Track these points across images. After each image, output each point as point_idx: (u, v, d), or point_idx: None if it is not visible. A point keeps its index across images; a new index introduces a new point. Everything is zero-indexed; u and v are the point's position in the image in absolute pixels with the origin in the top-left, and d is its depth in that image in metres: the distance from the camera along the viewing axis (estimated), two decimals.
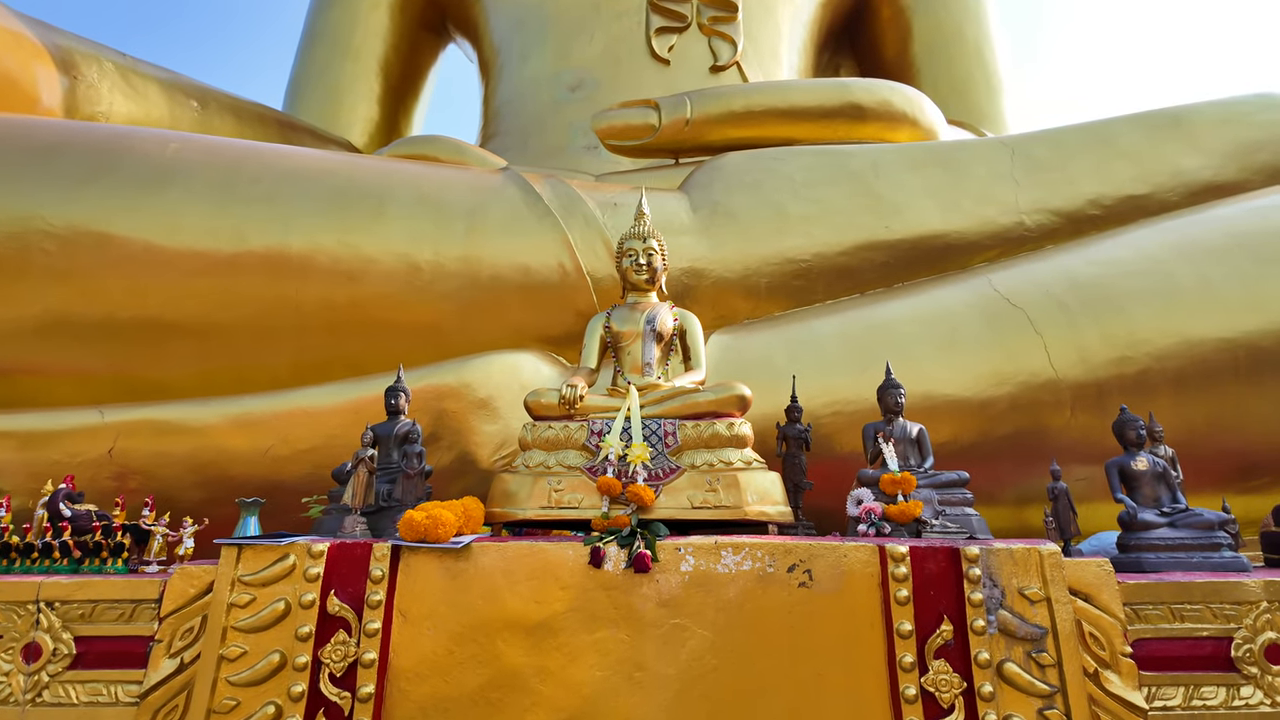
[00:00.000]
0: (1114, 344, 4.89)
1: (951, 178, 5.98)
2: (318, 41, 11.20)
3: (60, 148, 5.38)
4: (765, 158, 6.35)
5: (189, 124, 8.54)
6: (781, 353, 5.08)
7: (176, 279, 5.25)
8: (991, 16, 11.08)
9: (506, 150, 10.30)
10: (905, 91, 7.29)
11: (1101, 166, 6.00)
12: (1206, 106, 6.30)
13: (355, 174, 5.78)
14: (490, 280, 5.51)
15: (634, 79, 9.80)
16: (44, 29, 7.48)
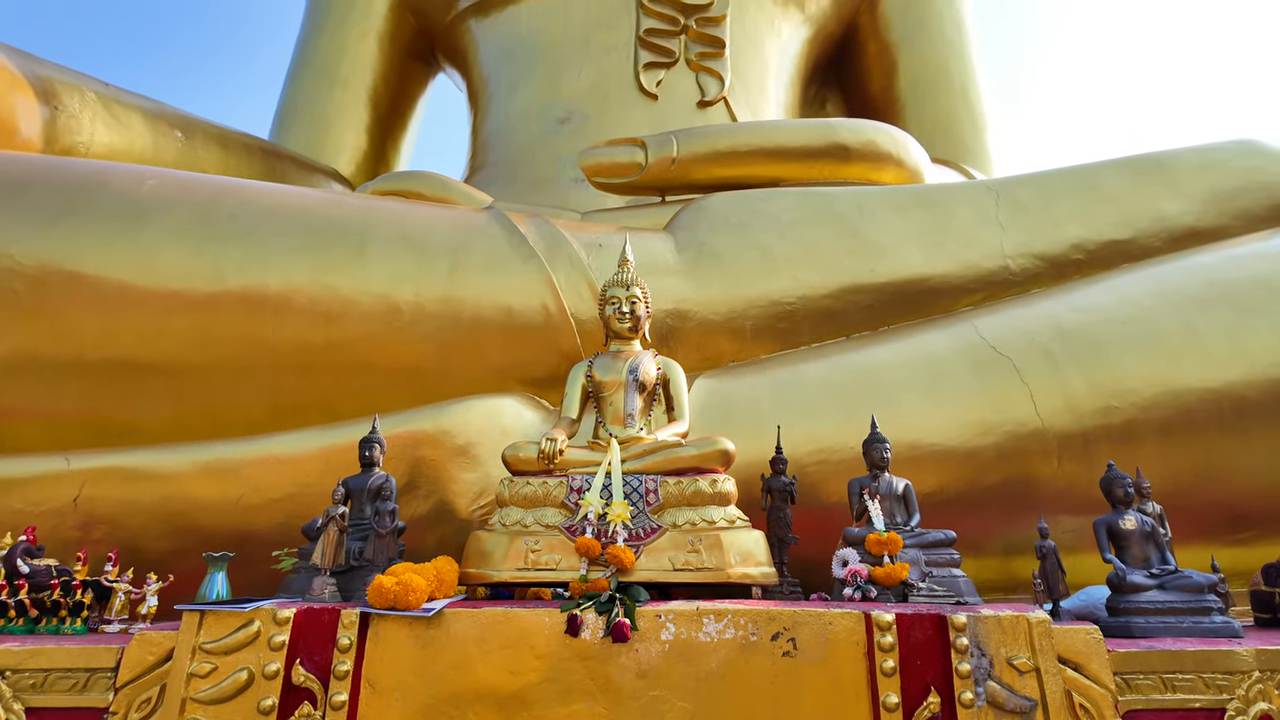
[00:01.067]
0: (1100, 393, 4.86)
1: (936, 221, 5.99)
2: (306, 70, 11.19)
3: (32, 183, 5.28)
4: (751, 198, 6.33)
5: (172, 154, 8.46)
6: (767, 398, 5.01)
7: (150, 318, 5.13)
8: (976, 54, 11.23)
9: (494, 181, 10.29)
10: (890, 132, 7.32)
11: (1085, 210, 6.03)
12: (1187, 152, 6.36)
13: (336, 212, 5.70)
14: (472, 321, 5.42)
15: (622, 112, 9.83)
16: (25, 59, 7.40)
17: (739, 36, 10.09)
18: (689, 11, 9.94)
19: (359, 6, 11.17)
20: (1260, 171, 6.12)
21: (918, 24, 11.11)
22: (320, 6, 11.27)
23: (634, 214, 7.23)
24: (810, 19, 10.73)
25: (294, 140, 10.99)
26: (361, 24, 11.24)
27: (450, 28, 10.97)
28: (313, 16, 11.30)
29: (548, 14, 10.21)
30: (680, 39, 10.01)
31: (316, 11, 11.26)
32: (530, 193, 9.51)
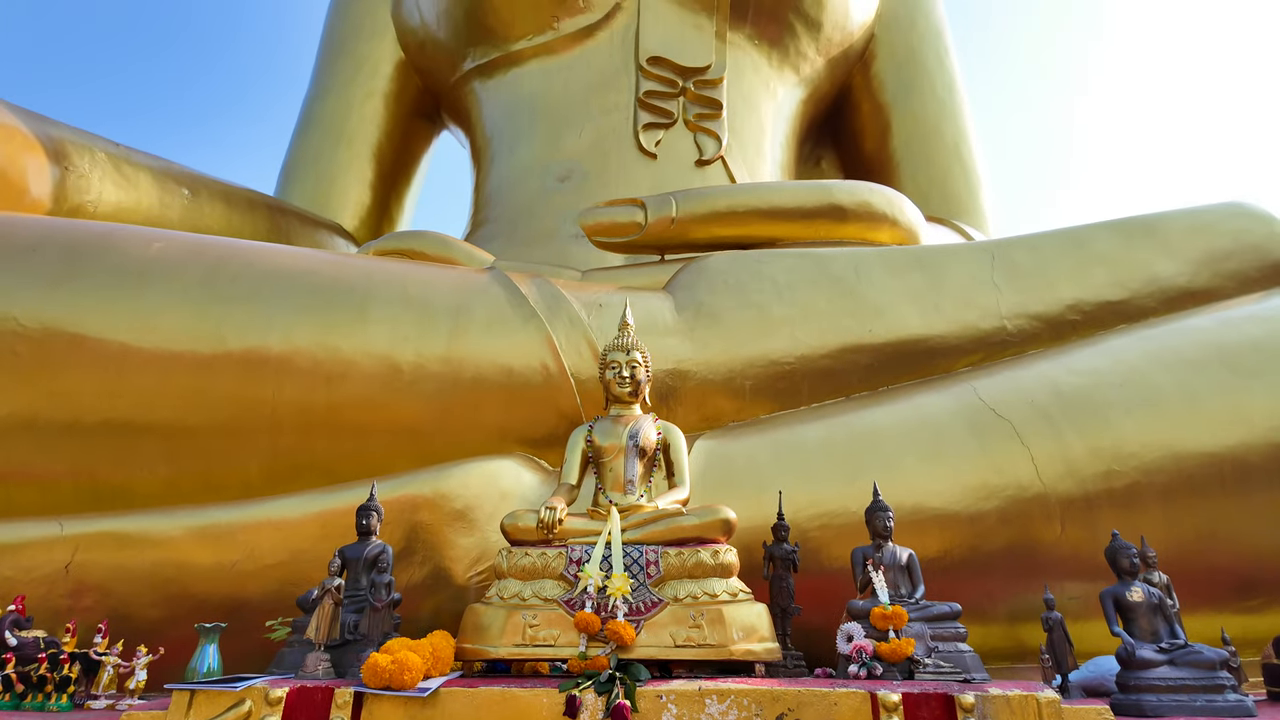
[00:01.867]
0: (1101, 457, 4.85)
1: (932, 282, 6.06)
2: (313, 128, 11.43)
3: (40, 246, 5.34)
4: (748, 259, 6.41)
5: (178, 211, 8.58)
6: (767, 461, 4.99)
7: (150, 380, 5.13)
8: (968, 114, 11.52)
9: (496, 237, 10.42)
10: (885, 193, 7.46)
11: (1079, 272, 6.10)
12: (1178, 215, 6.48)
13: (339, 273, 5.76)
14: (472, 381, 5.43)
15: (622, 171, 10.02)
16: (38, 121, 7.57)
17: (735, 98, 10.35)
18: (687, 74, 10.22)
19: (366, 68, 11.48)
20: (1249, 234, 6.23)
21: (910, 85, 11.42)
22: (328, 67, 11.58)
23: (634, 272, 7.31)
24: (805, 81, 11.03)
25: (299, 195, 11.17)
26: (368, 84, 11.53)
27: (455, 88, 11.26)
28: (320, 77, 11.61)
29: (549, 76, 10.49)
30: (678, 100, 10.26)
31: (324, 72, 11.57)
32: (531, 248, 9.62)
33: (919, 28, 11.60)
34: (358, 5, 11.63)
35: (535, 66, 10.58)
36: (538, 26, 10.33)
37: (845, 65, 11.39)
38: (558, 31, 10.35)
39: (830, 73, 11.24)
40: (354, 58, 11.43)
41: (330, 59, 11.57)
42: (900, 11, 11.49)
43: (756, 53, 10.63)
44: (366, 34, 11.51)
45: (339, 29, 11.64)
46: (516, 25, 10.36)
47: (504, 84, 10.86)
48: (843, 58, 11.22)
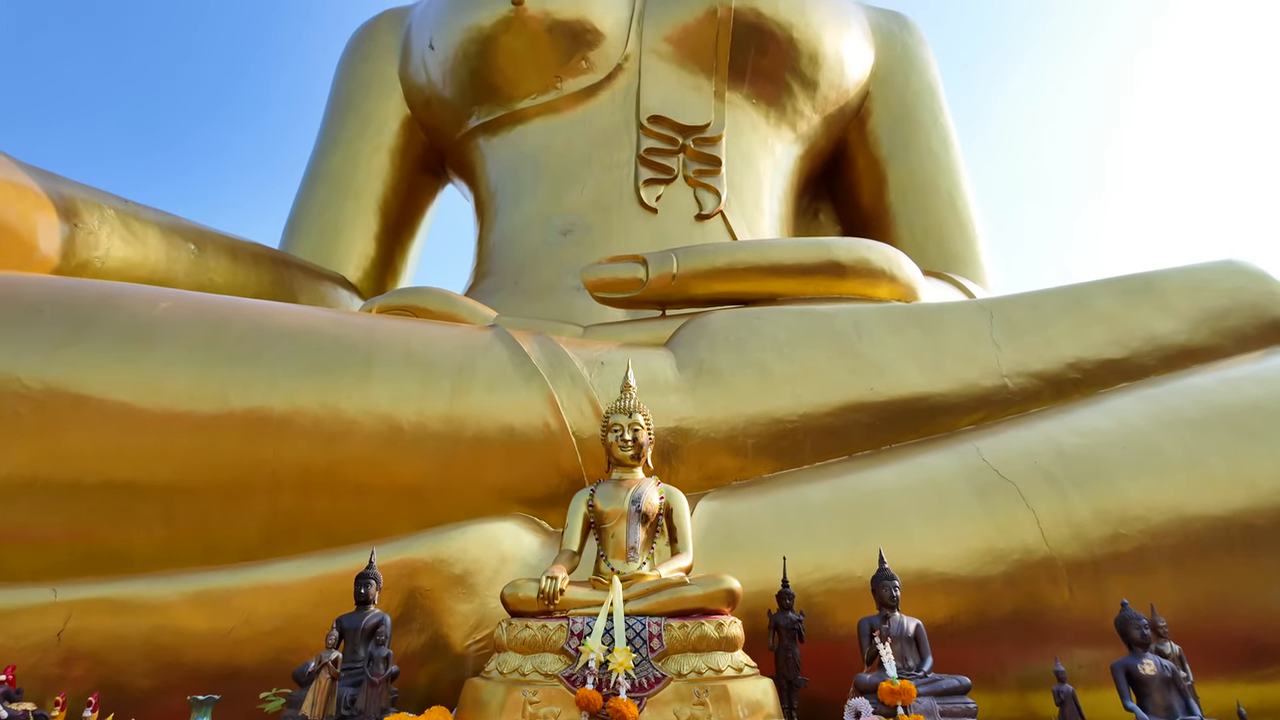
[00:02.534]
0: (1107, 520, 4.81)
1: (932, 340, 6.09)
2: (319, 182, 11.63)
3: (45, 306, 5.39)
4: (749, 316, 6.46)
5: (184, 266, 8.68)
6: (771, 523, 4.94)
7: (152, 440, 5.12)
8: (962, 168, 11.74)
9: (498, 289, 10.52)
10: (883, 249, 7.56)
11: (1079, 330, 6.14)
12: (1175, 273, 6.55)
13: (342, 333, 5.80)
14: (474, 439, 5.42)
15: (623, 225, 10.17)
16: (50, 179, 7.71)
17: (734, 155, 10.57)
18: (687, 132, 10.45)
19: (373, 124, 11.74)
20: (1246, 292, 6.29)
21: (905, 140, 11.66)
22: (336, 124, 11.84)
23: (635, 328, 7.35)
24: (802, 137, 11.28)
25: (304, 247, 11.30)
26: (375, 139, 11.78)
27: (460, 144, 11.50)
28: (328, 133, 11.86)
29: (553, 134, 10.73)
30: (679, 157, 10.48)
31: (332, 128, 11.82)
32: (533, 300, 9.70)
33: (912, 86, 11.90)
34: (366, 64, 11.95)
35: (539, 124, 10.83)
36: (542, 86, 10.61)
37: (841, 122, 11.66)
38: (561, 91, 10.62)
39: (826, 129, 11.50)
40: (361, 114, 11.70)
41: (338, 116, 11.84)
42: (894, 70, 11.81)
43: (754, 111, 10.89)
44: (375, 92, 11.81)
45: (347, 87, 11.94)
46: (521, 85, 10.64)
47: (508, 140, 11.10)
48: (838, 115, 11.49)
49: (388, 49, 12.01)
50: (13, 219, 6.97)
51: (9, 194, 6.98)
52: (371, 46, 12.01)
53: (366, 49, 12.02)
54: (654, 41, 10.73)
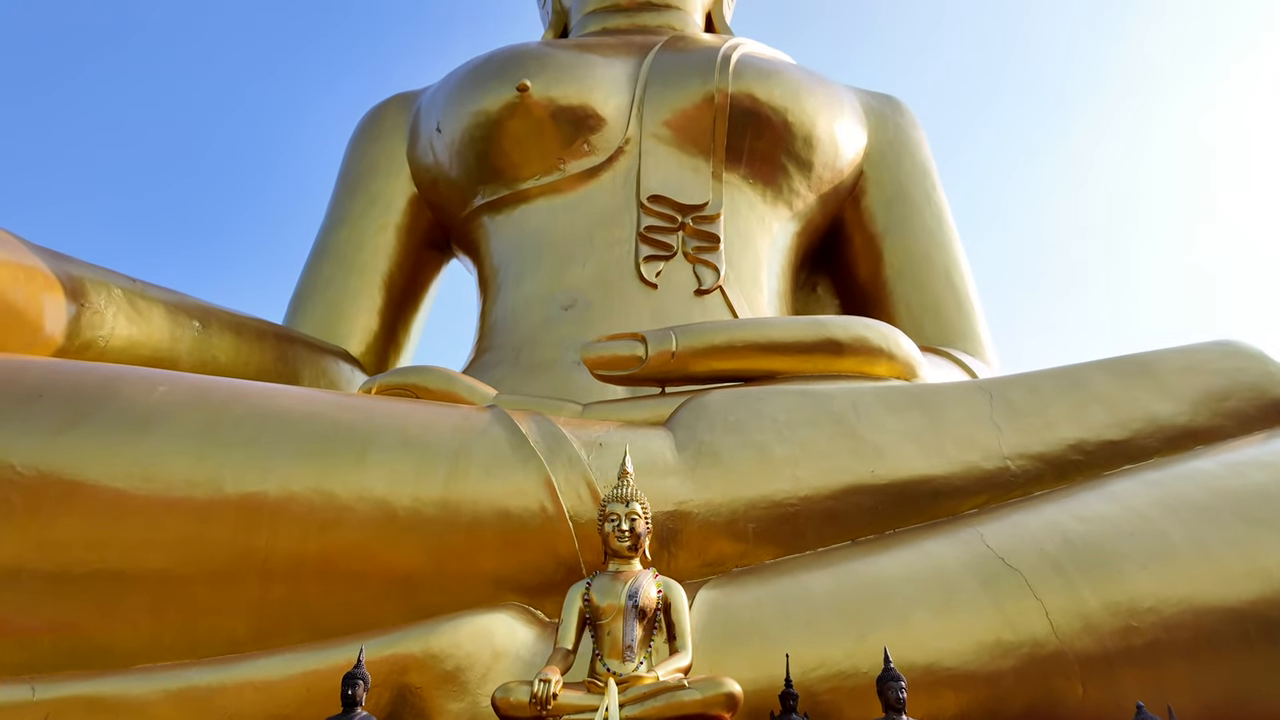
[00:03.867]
0: (1118, 612, 4.67)
1: (932, 422, 6.06)
2: (325, 258, 11.84)
3: (45, 392, 5.41)
4: (748, 397, 6.46)
5: (188, 344, 8.74)
6: (773, 616, 4.81)
7: (143, 528, 5.05)
8: (958, 244, 11.94)
9: (500, 364, 10.57)
10: (880, 328, 7.62)
11: (1079, 412, 6.12)
12: (1171, 354, 6.57)
13: (340, 416, 5.80)
14: (469, 525, 5.34)
15: (623, 300, 10.28)
16: (59, 260, 7.85)
17: (732, 232, 10.78)
18: (686, 211, 10.70)
19: (381, 202, 12.03)
20: (1244, 372, 6.29)
21: (900, 218, 11.91)
22: (344, 201, 12.15)
23: (635, 406, 7.35)
24: (798, 215, 11.53)
25: (308, 322, 11.41)
26: (381, 217, 12.05)
27: (465, 222, 11.76)
28: (335, 211, 12.15)
29: (555, 213, 10.99)
30: (678, 235, 10.68)
31: (340, 207, 12.12)
32: (533, 375, 9.74)
33: (905, 166, 12.23)
34: (375, 146, 12.35)
35: (542, 204, 11.10)
36: (545, 168, 10.92)
37: (836, 200, 11.93)
38: (564, 173, 10.93)
39: (822, 207, 11.76)
40: (369, 194, 12.01)
41: (346, 195, 12.16)
42: (886, 151, 12.16)
43: (751, 191, 11.17)
44: (383, 172, 12.15)
45: (356, 168, 12.30)
46: (525, 167, 10.96)
47: (512, 219, 11.36)
48: (833, 194, 11.77)
49: (396, 130, 12.42)
50: (20, 301, 7.07)
51: (18, 276, 7.11)
52: (380, 129, 12.44)
53: (375, 131, 12.45)
54: (654, 126, 11.10)
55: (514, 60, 11.20)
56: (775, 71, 11.37)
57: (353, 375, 10.83)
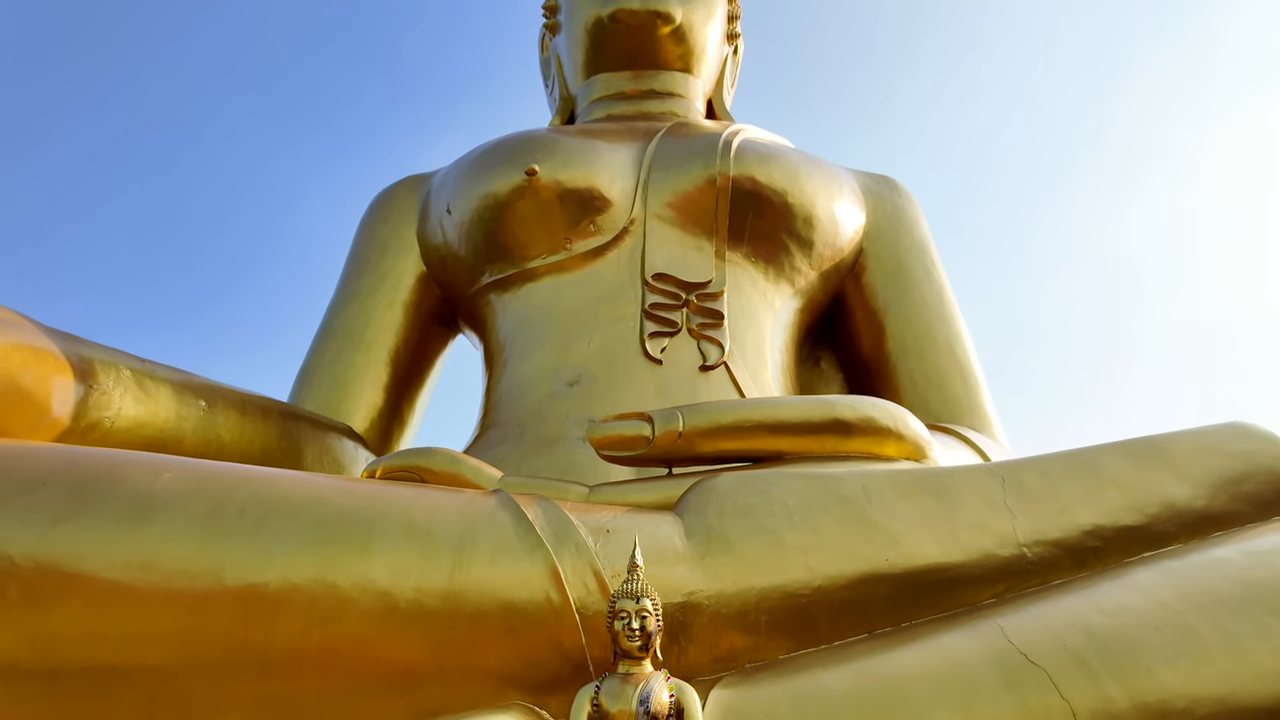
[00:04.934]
0: (1148, 711, 4.48)
1: (945, 507, 5.98)
2: (333, 335, 11.95)
3: (48, 480, 5.37)
4: (757, 480, 6.40)
5: (193, 423, 8.73)
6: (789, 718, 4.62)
7: (139, 622, 4.93)
8: (960, 319, 12.04)
9: (504, 440, 10.52)
10: (887, 408, 7.61)
11: (1093, 496, 6.04)
12: (1183, 436, 6.53)
13: (345, 501, 5.74)
14: (472, 618, 5.20)
15: (628, 376, 10.30)
16: (69, 341, 7.93)
17: (735, 309, 10.90)
18: (689, 288, 10.85)
19: (390, 280, 12.23)
20: (1259, 455, 6.24)
21: (900, 293, 12.06)
22: (353, 280, 12.35)
23: (642, 488, 7.26)
24: (800, 292, 11.68)
25: (313, 398, 11.43)
26: (390, 294, 12.22)
27: (472, 299, 11.92)
28: (344, 289, 12.33)
29: (561, 289, 11.15)
30: (682, 311, 10.80)
31: (348, 285, 12.31)
32: (538, 452, 9.69)
33: (903, 243, 12.46)
34: (385, 226, 12.64)
35: (549, 281, 11.28)
36: (552, 248, 11.15)
37: (837, 276, 12.11)
38: (570, 252, 11.14)
39: (824, 284, 11.93)
40: (379, 272, 12.22)
41: (356, 273, 12.37)
42: (885, 229, 12.41)
43: (754, 268, 11.36)
44: (392, 251, 12.40)
45: (366, 247, 12.56)
46: (533, 247, 11.19)
47: (519, 296, 11.52)
48: (834, 271, 11.96)
49: (406, 211, 12.74)
50: (30, 383, 7.10)
51: (29, 359, 7.16)
52: (391, 210, 12.76)
53: (386, 212, 12.77)
54: (657, 207, 11.38)
55: (523, 146, 11.59)
56: (775, 155, 11.73)
57: (356, 453, 10.77)
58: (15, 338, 7.36)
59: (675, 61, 12.58)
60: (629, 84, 12.76)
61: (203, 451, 8.57)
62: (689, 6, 12.11)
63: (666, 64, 12.63)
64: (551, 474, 8.54)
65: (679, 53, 12.47)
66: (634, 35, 12.22)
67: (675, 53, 12.46)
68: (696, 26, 12.40)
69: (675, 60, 12.57)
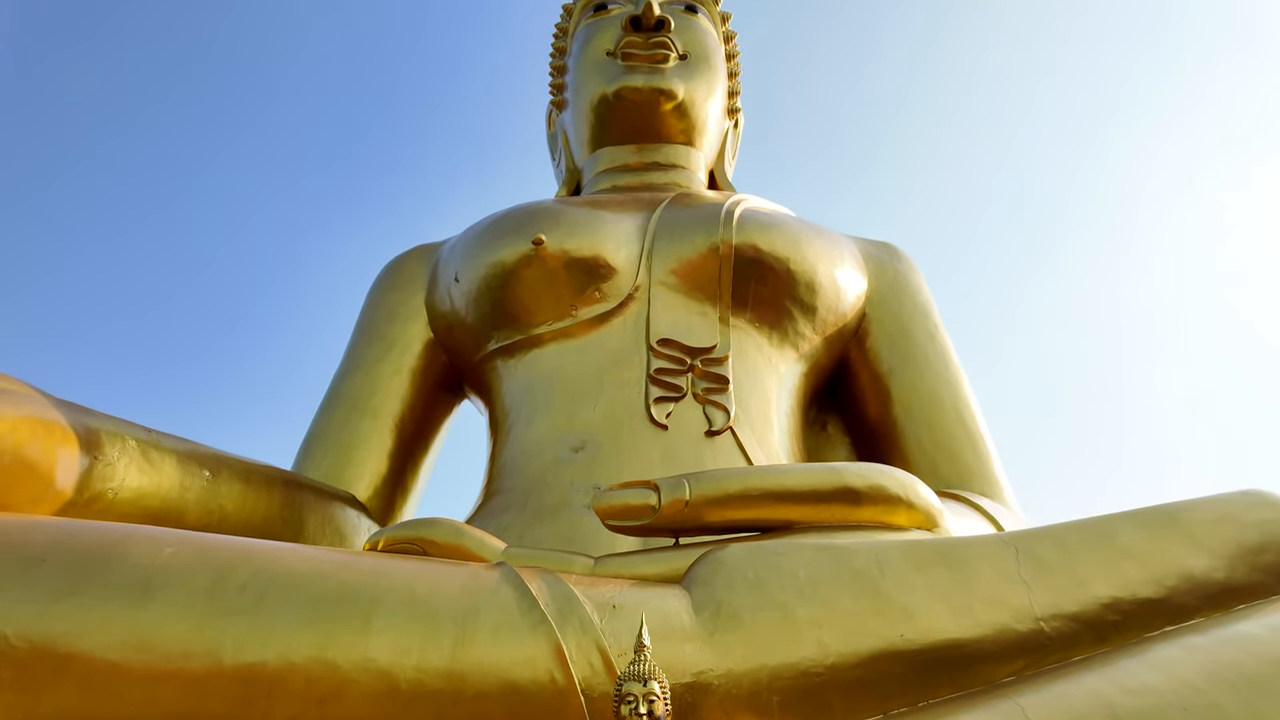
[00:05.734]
0: None
1: (959, 579, 5.84)
2: (339, 402, 11.99)
3: (48, 556, 5.30)
4: (767, 552, 6.28)
5: (196, 493, 8.67)
6: None
7: (134, 704, 4.78)
8: (965, 383, 12.02)
9: (508, 508, 10.40)
10: (897, 476, 7.53)
11: (1110, 567, 5.90)
12: (1198, 505, 6.42)
13: (347, 577, 5.64)
14: (474, 699, 5.03)
15: (634, 442, 10.25)
16: (77, 411, 7.95)
17: (740, 374, 10.92)
18: (694, 354, 10.92)
19: (397, 347, 12.34)
20: (1276, 524, 6.12)
21: (904, 358, 12.09)
22: (361, 348, 12.46)
23: (649, 559, 7.13)
24: (804, 357, 11.73)
25: (317, 466, 11.39)
26: (397, 361, 12.31)
27: (478, 365, 12.00)
28: (351, 356, 12.43)
29: (567, 355, 11.22)
30: (687, 376, 10.83)
31: (356, 353, 12.41)
32: (543, 520, 9.57)
33: (905, 308, 12.57)
34: (395, 294, 12.84)
35: (554, 347, 11.37)
36: (558, 314, 11.28)
37: (841, 341, 12.17)
38: (576, 318, 11.27)
39: (828, 348, 11.99)
40: (386, 339, 12.35)
41: (363, 341, 12.50)
42: (887, 295, 12.54)
43: (758, 334, 11.44)
44: (400, 318, 12.56)
45: (374, 315, 12.73)
46: (539, 313, 11.33)
47: (524, 362, 11.60)
48: (838, 335, 12.03)
49: (415, 279, 12.95)
50: (36, 455, 7.10)
51: (37, 431, 7.17)
52: (400, 278, 12.98)
53: (395, 281, 12.99)
54: (662, 274, 11.55)
55: (530, 216, 11.87)
56: (776, 223, 11.96)
57: (359, 522, 10.65)
58: (25, 410, 7.39)
59: (678, 135, 13.01)
60: (633, 156, 13.17)
61: (205, 522, 8.50)
62: (690, 84, 12.58)
63: (669, 137, 13.05)
64: (556, 543, 8.43)
65: (681, 127, 12.91)
66: (638, 111, 12.66)
67: (678, 127, 12.90)
68: (698, 103, 12.85)
69: (678, 134, 13.00)
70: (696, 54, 12.69)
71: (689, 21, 12.87)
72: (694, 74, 12.52)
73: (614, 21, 12.56)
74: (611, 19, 12.69)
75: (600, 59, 12.65)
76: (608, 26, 12.67)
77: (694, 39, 12.76)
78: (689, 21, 12.87)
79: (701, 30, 13.01)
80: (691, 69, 12.50)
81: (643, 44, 12.20)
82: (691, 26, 12.86)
